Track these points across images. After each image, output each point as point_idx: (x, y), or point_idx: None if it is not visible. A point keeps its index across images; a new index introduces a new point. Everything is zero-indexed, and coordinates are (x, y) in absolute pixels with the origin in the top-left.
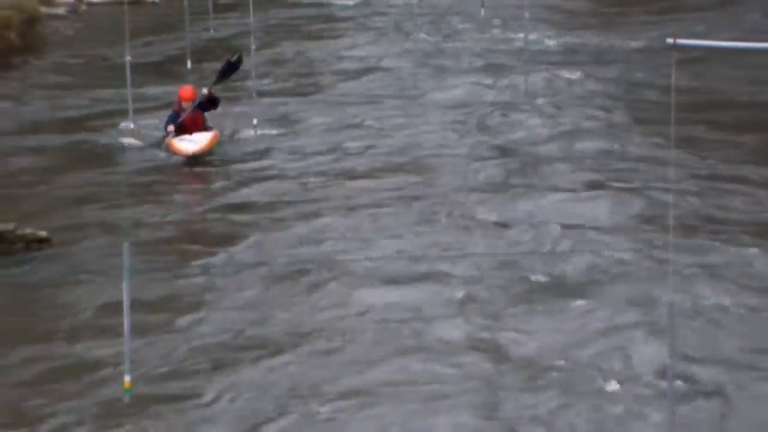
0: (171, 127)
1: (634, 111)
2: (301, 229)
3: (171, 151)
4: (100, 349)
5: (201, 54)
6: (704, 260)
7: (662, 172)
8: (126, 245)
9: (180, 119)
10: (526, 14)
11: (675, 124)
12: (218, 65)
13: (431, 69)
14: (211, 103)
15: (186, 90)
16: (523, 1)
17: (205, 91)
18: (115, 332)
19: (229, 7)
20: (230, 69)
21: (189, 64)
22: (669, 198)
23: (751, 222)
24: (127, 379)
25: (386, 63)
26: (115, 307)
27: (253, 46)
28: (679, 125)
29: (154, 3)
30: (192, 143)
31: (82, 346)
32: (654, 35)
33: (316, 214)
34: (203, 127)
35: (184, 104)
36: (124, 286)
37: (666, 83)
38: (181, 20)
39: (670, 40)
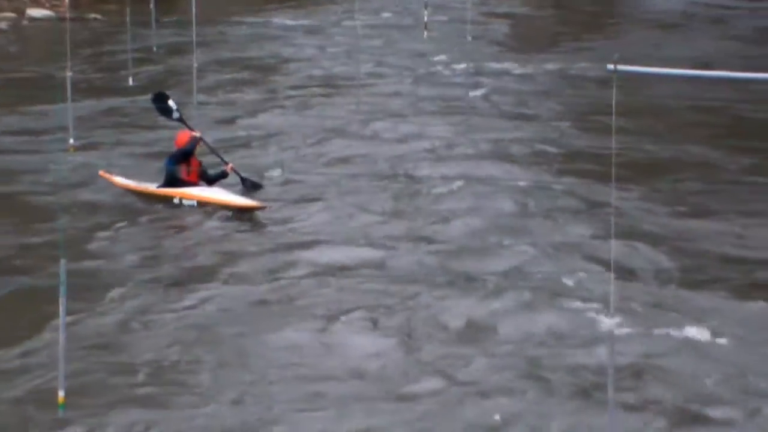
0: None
1: (575, 135)
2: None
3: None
4: (35, 364)
5: (143, 70)
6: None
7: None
8: (62, 262)
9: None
10: (469, 38)
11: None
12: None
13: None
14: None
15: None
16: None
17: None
18: (49, 347)
19: (172, 24)
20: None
21: (131, 81)
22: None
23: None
24: (61, 394)
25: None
26: (50, 322)
27: (195, 64)
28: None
29: (96, 19)
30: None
31: (17, 361)
32: (594, 60)
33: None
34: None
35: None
36: (61, 302)
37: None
38: (123, 36)
39: (610, 66)
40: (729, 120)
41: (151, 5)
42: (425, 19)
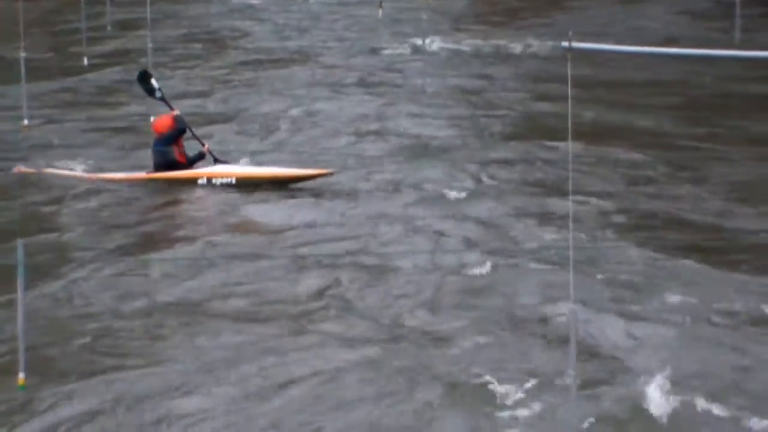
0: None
1: (533, 115)
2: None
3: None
4: None
5: (98, 48)
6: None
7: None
8: (20, 242)
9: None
10: (424, 16)
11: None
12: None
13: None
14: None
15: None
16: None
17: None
18: (9, 329)
19: (127, 2)
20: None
21: (85, 60)
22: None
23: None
24: (21, 375)
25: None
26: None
27: (149, 45)
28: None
29: None
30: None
31: None
32: (549, 37)
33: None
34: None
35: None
36: (19, 283)
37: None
38: (77, 15)
39: (565, 44)
40: (683, 92)
41: None
42: None
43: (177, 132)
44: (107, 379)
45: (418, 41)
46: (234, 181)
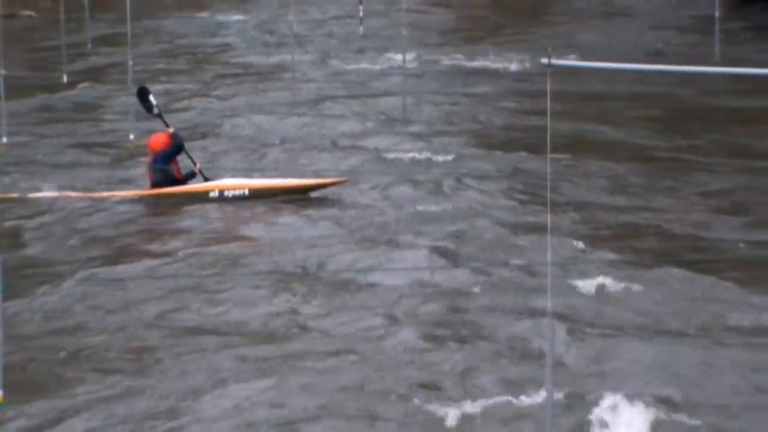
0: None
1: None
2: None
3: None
4: None
5: (77, 66)
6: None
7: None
8: None
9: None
10: (404, 32)
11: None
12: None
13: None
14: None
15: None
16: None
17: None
18: None
19: (107, 19)
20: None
21: (65, 78)
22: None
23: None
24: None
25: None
26: None
27: (130, 62)
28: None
29: (30, 16)
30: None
31: None
32: (530, 53)
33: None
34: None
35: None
36: None
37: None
38: (57, 33)
39: (544, 61)
40: (663, 105)
41: (86, 1)
42: (361, 13)
43: (175, 149)
44: (87, 396)
45: (398, 57)
46: (247, 192)
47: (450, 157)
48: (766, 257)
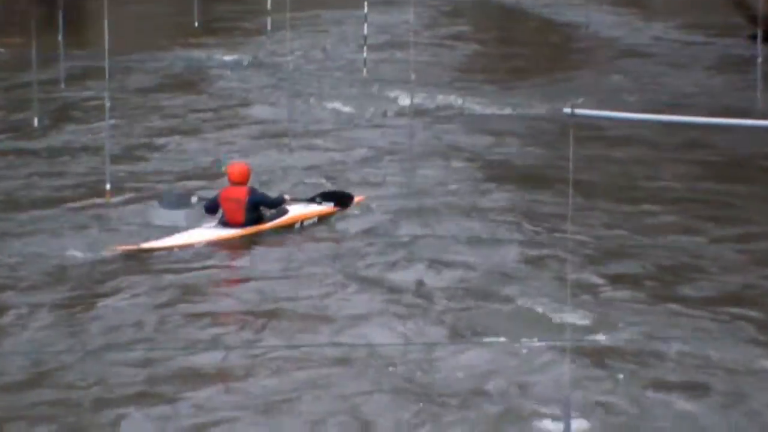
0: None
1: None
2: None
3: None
4: None
5: (49, 108)
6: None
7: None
8: None
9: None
10: (412, 76)
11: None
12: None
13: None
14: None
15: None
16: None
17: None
18: None
19: (83, 57)
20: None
21: (36, 121)
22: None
23: None
24: None
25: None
26: None
27: (107, 103)
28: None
29: None
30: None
31: None
32: (552, 103)
33: None
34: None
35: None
36: None
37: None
38: (29, 71)
39: (567, 110)
40: (690, 152)
41: (59, 37)
42: (364, 55)
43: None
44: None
45: (406, 101)
46: (317, 220)
47: (463, 195)
48: None
